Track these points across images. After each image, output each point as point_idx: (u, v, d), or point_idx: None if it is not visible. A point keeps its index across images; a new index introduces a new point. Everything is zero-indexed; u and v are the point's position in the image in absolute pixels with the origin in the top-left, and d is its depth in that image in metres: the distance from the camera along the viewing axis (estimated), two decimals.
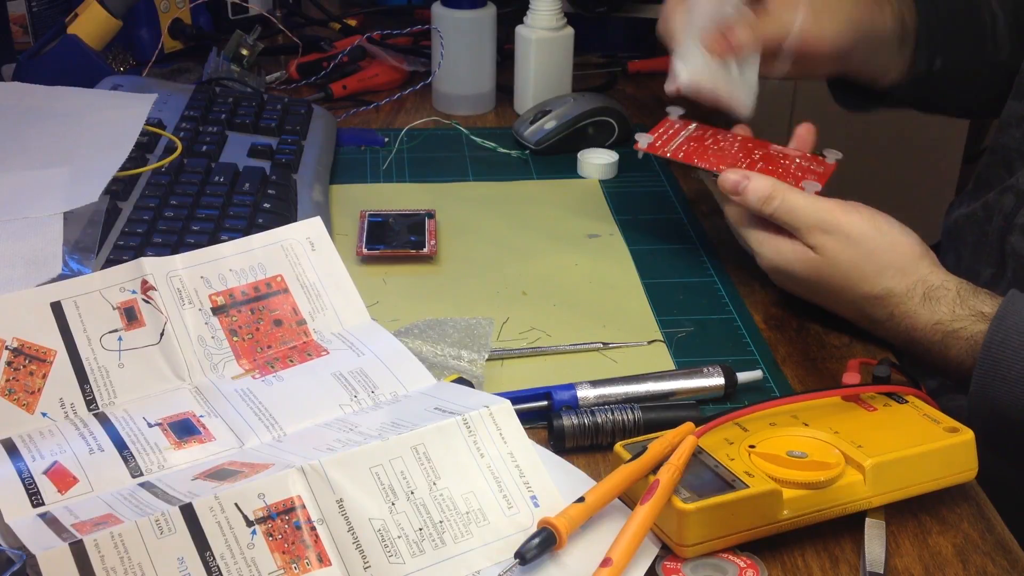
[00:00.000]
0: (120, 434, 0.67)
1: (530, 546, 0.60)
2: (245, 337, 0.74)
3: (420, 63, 1.28)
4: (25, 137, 0.95)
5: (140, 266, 0.73)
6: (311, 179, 1.00)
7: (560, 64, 1.17)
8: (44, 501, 0.62)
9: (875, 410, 0.70)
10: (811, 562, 0.64)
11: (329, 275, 0.77)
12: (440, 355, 0.78)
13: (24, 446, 0.66)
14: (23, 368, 0.69)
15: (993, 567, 0.64)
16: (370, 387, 0.71)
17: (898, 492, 0.66)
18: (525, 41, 1.16)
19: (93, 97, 1.04)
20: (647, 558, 0.62)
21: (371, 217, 0.97)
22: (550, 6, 1.14)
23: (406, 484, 0.62)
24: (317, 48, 1.30)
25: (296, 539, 0.59)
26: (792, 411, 0.70)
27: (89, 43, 1.13)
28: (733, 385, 0.77)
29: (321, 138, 1.08)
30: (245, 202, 0.92)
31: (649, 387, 0.76)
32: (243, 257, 0.76)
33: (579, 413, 0.72)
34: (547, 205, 1.02)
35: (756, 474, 0.63)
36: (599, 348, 0.83)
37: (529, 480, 0.64)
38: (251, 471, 0.62)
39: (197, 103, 1.08)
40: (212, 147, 1.01)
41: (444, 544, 0.61)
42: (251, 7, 1.36)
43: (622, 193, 1.06)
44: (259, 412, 0.69)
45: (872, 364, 0.76)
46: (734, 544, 0.63)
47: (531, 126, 1.13)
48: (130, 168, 0.93)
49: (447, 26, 1.16)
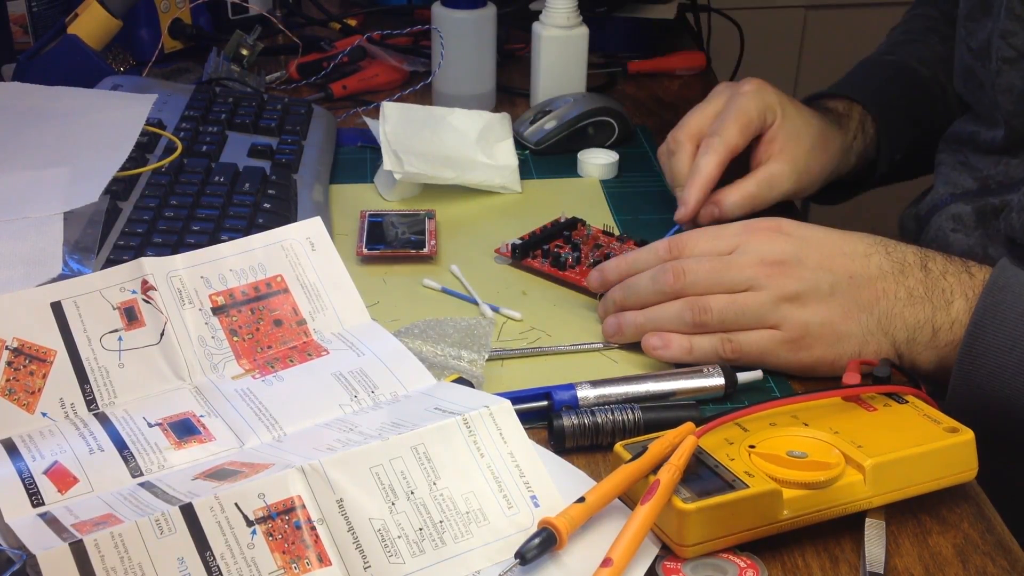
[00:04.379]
0: (120, 434, 0.67)
1: (530, 546, 0.60)
2: (245, 337, 0.74)
3: (420, 63, 1.28)
4: (25, 137, 0.95)
5: (140, 266, 0.73)
6: (311, 179, 1.00)
7: (573, 62, 1.17)
8: (44, 501, 0.62)
9: (875, 410, 0.70)
10: (811, 562, 0.64)
11: (329, 275, 0.77)
12: (440, 355, 0.78)
13: (24, 446, 0.66)
14: (23, 368, 0.69)
15: (993, 567, 0.64)
16: (370, 387, 0.71)
17: (898, 492, 0.66)
18: (538, 38, 1.16)
19: (93, 97, 1.04)
20: (647, 558, 0.62)
21: (371, 217, 0.97)
22: (566, 4, 1.14)
23: (406, 484, 0.62)
24: (317, 48, 1.30)
25: (296, 539, 0.59)
26: (792, 411, 0.70)
27: (89, 43, 1.13)
28: (733, 385, 0.77)
29: (321, 138, 1.08)
30: (245, 202, 0.92)
31: (649, 387, 0.76)
32: (243, 257, 0.76)
33: (579, 413, 0.72)
34: (547, 205, 1.02)
35: (756, 474, 0.63)
36: (599, 348, 0.83)
37: (529, 480, 0.64)
38: (251, 471, 0.62)
39: (197, 103, 1.08)
40: (212, 147, 1.01)
41: (444, 544, 0.61)
42: (251, 7, 1.36)
43: (622, 193, 1.06)
44: (259, 412, 0.69)
45: (872, 364, 0.76)
46: (734, 544, 0.63)
47: (531, 126, 1.13)
48: (130, 168, 0.93)
49: (447, 26, 1.16)
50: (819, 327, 0.77)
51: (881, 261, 0.78)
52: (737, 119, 0.93)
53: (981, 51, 0.95)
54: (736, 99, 0.95)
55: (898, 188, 1.16)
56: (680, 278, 0.79)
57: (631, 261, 0.84)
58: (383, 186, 1.04)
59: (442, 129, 1.09)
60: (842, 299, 0.77)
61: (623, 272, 0.84)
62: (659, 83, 1.32)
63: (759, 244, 0.79)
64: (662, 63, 1.34)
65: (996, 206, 0.94)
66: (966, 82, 1.01)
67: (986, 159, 0.98)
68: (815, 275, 0.77)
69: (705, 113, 0.96)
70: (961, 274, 0.78)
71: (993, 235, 0.95)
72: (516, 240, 0.93)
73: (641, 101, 1.27)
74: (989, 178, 0.97)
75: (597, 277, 0.85)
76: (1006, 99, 0.92)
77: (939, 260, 0.79)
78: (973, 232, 0.96)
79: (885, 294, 0.77)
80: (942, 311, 0.77)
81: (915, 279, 0.77)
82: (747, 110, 0.94)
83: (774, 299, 0.77)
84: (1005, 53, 0.91)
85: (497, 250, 0.94)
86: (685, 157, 0.95)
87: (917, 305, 0.77)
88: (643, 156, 1.12)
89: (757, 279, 0.77)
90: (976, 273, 0.78)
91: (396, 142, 1.03)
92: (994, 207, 0.94)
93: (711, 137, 0.93)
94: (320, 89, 1.23)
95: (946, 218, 0.98)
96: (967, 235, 0.96)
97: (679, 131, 0.97)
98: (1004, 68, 0.91)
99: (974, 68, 0.97)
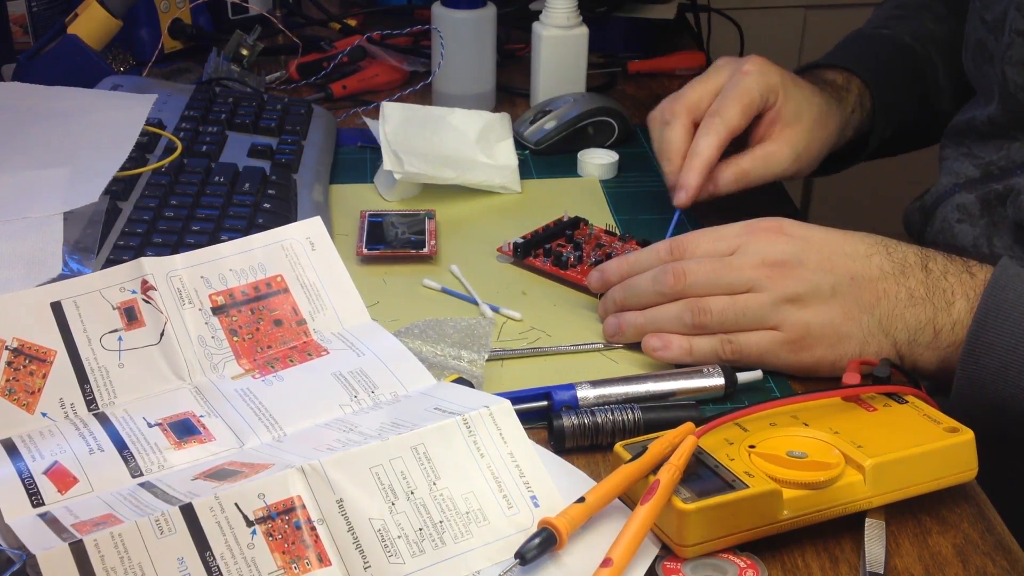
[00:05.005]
0: (120, 434, 0.67)
1: (530, 546, 0.60)
2: (245, 337, 0.74)
3: (420, 63, 1.28)
4: (25, 137, 0.95)
5: (140, 266, 0.73)
6: (311, 179, 1.00)
7: (573, 62, 1.17)
8: (44, 501, 0.62)
9: (875, 410, 0.70)
10: (811, 562, 0.64)
11: (329, 275, 0.77)
12: (440, 355, 0.78)
13: (24, 446, 0.66)
14: (23, 368, 0.69)
15: (993, 567, 0.64)
16: (370, 387, 0.71)
17: (898, 492, 0.66)
18: (538, 38, 1.16)
19: (93, 97, 1.04)
20: (647, 558, 0.62)
21: (371, 217, 0.97)
22: (566, 4, 1.14)
23: (406, 484, 0.62)
24: (317, 48, 1.30)
25: (296, 539, 0.59)
26: (792, 411, 0.70)
27: (89, 43, 1.13)
28: (733, 385, 0.77)
29: (321, 138, 1.08)
30: (245, 202, 0.92)
31: (649, 387, 0.76)
32: (243, 257, 0.76)
33: (579, 413, 0.72)
34: (547, 205, 1.02)
35: (756, 474, 0.63)
36: (599, 348, 0.83)
37: (529, 480, 0.64)
38: (251, 471, 0.62)
39: (197, 103, 1.08)
40: (212, 147, 1.01)
41: (444, 544, 0.61)
42: (251, 7, 1.36)
43: (622, 193, 1.06)
44: (259, 412, 0.69)
45: (872, 364, 0.76)
46: (734, 544, 0.63)
47: (531, 126, 1.13)
48: (130, 168, 0.93)
49: (447, 26, 1.16)
50: (820, 328, 0.77)
51: (882, 262, 0.78)
52: (739, 99, 0.92)
53: (996, 23, 0.94)
54: (739, 78, 0.93)
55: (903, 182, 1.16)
56: (680, 280, 0.79)
57: (632, 262, 0.84)
58: (383, 186, 1.04)
59: (442, 129, 1.09)
60: (843, 300, 0.77)
61: (624, 273, 0.84)
62: (659, 83, 1.32)
63: (760, 245, 0.79)
64: (662, 63, 1.34)
65: (1000, 192, 0.94)
66: (975, 55, 0.99)
67: (987, 146, 0.98)
68: (816, 276, 0.77)
69: (705, 87, 0.95)
70: (962, 274, 0.78)
71: (999, 222, 0.94)
72: (518, 239, 0.93)
73: (641, 101, 1.27)
74: (991, 163, 0.97)
75: (598, 277, 0.85)
76: (1015, 72, 0.91)
77: (940, 260, 0.78)
78: (979, 221, 0.95)
79: (886, 295, 0.77)
80: (943, 312, 0.77)
81: (916, 280, 0.77)
82: (750, 90, 0.93)
83: (775, 300, 0.77)
84: (1019, 25, 0.89)
85: (499, 249, 0.94)
86: (680, 130, 0.94)
87: (918, 306, 0.77)
88: (643, 156, 1.12)
89: (758, 280, 0.77)
90: (977, 273, 0.77)
91: (396, 142, 1.03)
92: (998, 193, 0.94)
93: (712, 117, 0.92)
94: (320, 89, 1.23)
95: (951, 208, 0.98)
96: (972, 225, 0.96)
97: (676, 102, 0.95)
98: (1017, 40, 0.90)
99: (986, 41, 0.96)
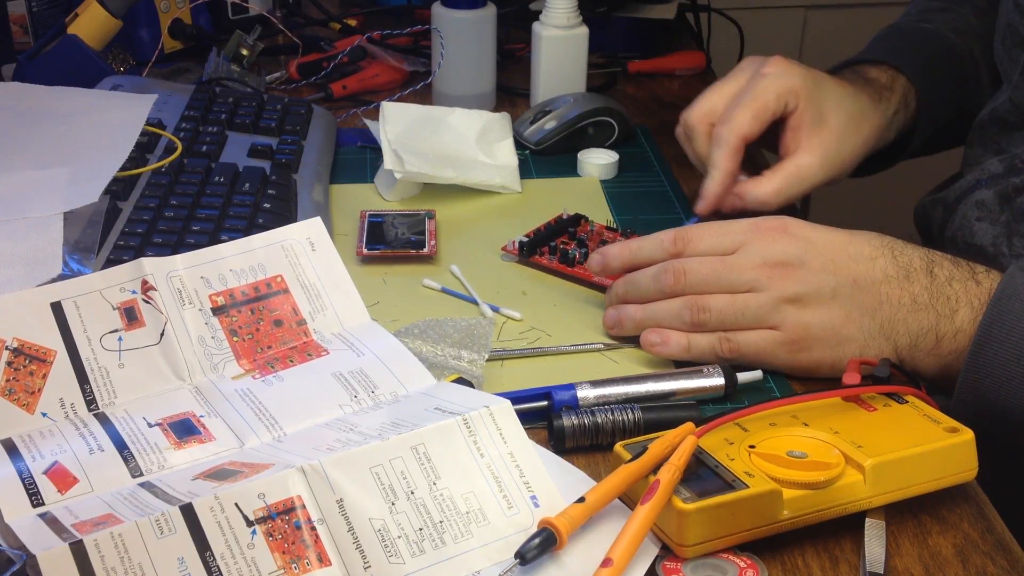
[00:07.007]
0: (120, 434, 0.67)
1: (530, 546, 0.60)
2: (245, 337, 0.74)
3: (420, 63, 1.28)
4: (25, 137, 0.95)
5: (140, 266, 0.73)
6: (311, 179, 1.00)
7: (573, 62, 1.17)
8: (44, 501, 0.62)
9: (875, 410, 0.70)
10: (811, 562, 0.64)
11: (329, 275, 0.77)
12: (440, 355, 0.78)
13: (24, 446, 0.66)
14: (23, 368, 0.69)
15: (993, 567, 0.64)
16: (370, 387, 0.71)
17: (898, 492, 0.66)
18: (538, 38, 1.16)
19: (93, 97, 1.04)
20: (647, 558, 0.62)
21: (371, 217, 0.97)
22: (566, 4, 1.14)
23: (406, 484, 0.62)
24: (317, 48, 1.30)
25: (296, 539, 0.59)
26: (792, 411, 0.70)
27: (89, 43, 1.13)
28: (733, 385, 0.77)
29: (321, 138, 1.08)
30: (245, 202, 0.92)
31: (649, 387, 0.76)
32: (243, 257, 0.76)
33: (579, 413, 0.72)
34: (547, 205, 1.02)
35: (756, 474, 0.63)
36: (599, 348, 0.83)
37: (529, 480, 0.64)
38: (251, 471, 0.62)
39: (197, 103, 1.08)
40: (212, 147, 1.01)
41: (444, 544, 0.61)
42: (251, 7, 1.36)
43: (622, 193, 1.06)
44: (259, 412, 0.69)
45: (872, 364, 0.76)
46: (734, 544, 0.63)
47: (531, 126, 1.13)
48: (130, 168, 0.93)
49: (447, 26, 1.16)
50: (819, 329, 0.77)
51: (886, 265, 0.77)
52: (750, 105, 0.91)
53: None
54: (755, 81, 0.92)
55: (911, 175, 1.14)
56: (681, 279, 0.79)
57: (634, 249, 0.83)
58: (383, 186, 1.04)
59: (442, 129, 1.09)
60: (844, 303, 0.77)
61: (624, 259, 0.83)
62: (659, 83, 1.32)
63: (763, 245, 0.78)
64: (662, 63, 1.34)
65: (1018, 185, 0.93)
66: (1004, 40, 0.97)
67: (1014, 136, 0.96)
68: (818, 278, 0.77)
69: (722, 92, 0.94)
70: (967, 281, 0.77)
71: (1018, 217, 0.93)
72: (523, 237, 0.93)
73: (641, 101, 1.27)
74: (1016, 156, 0.95)
75: (598, 260, 0.85)
76: None
77: (946, 265, 0.77)
78: (998, 219, 0.94)
79: (888, 299, 0.77)
80: (946, 320, 0.76)
81: (920, 285, 0.77)
82: (764, 95, 0.91)
83: (775, 300, 0.77)
84: None
85: (504, 248, 0.94)
86: (703, 140, 0.94)
87: (921, 312, 0.76)
88: (643, 156, 1.12)
89: (759, 280, 0.77)
90: (983, 281, 0.77)
91: (396, 142, 1.03)
92: (1016, 186, 0.93)
93: (721, 126, 0.91)
94: (320, 89, 1.23)
95: (971, 205, 0.96)
96: (992, 224, 0.95)
97: (690, 113, 0.95)
98: None
99: (1017, 26, 0.95)
